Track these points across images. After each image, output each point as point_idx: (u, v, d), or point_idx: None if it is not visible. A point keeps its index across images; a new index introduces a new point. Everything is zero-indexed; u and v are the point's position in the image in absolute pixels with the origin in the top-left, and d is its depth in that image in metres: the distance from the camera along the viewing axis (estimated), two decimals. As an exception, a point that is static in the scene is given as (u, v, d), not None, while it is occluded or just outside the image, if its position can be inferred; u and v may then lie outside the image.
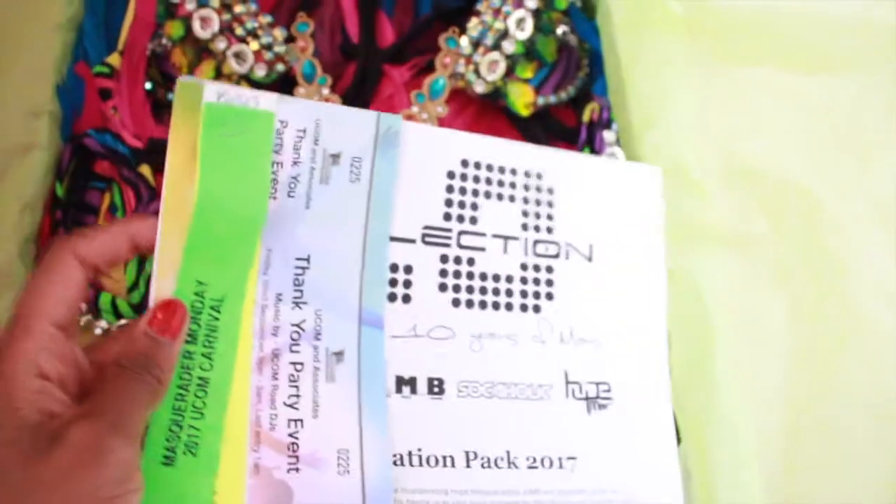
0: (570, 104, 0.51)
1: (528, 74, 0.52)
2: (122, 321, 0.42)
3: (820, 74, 0.49)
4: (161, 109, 0.46)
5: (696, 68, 0.50)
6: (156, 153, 0.43)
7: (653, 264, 0.44)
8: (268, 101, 0.38)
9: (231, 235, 0.37)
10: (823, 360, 0.46)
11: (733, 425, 0.43)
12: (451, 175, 0.41)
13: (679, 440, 0.42)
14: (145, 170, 0.45)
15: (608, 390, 0.42)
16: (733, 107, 0.49)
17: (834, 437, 0.45)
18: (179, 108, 0.36)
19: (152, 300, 0.35)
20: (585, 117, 0.52)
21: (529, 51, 0.52)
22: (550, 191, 0.43)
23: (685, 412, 0.43)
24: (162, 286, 0.36)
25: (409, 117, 0.49)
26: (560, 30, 0.52)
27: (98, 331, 0.42)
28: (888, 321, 0.46)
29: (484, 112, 0.52)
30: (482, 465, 0.39)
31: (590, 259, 0.43)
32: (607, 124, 0.50)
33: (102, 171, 0.46)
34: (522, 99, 0.52)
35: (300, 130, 0.38)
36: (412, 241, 0.40)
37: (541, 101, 0.52)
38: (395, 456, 0.38)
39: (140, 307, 0.42)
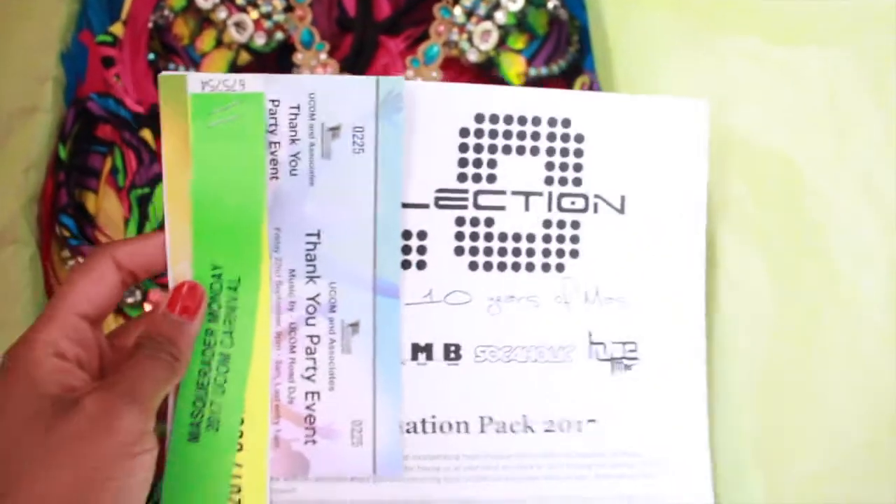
0: (561, 77, 0.51)
1: (520, 45, 0.51)
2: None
3: (806, 46, 0.46)
4: (163, 77, 0.46)
5: (682, 39, 0.48)
6: (157, 118, 0.42)
7: (693, 213, 0.41)
8: (254, 82, 0.36)
9: (235, 219, 0.37)
10: (802, 324, 0.44)
11: (712, 389, 0.42)
12: (464, 132, 0.39)
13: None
14: (147, 134, 0.46)
15: (634, 350, 0.40)
16: (718, 78, 0.47)
17: (812, 402, 0.44)
18: (166, 103, 0.36)
19: (171, 285, 0.36)
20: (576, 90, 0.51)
21: (521, 22, 0.51)
22: (579, 138, 0.40)
23: None
24: (178, 271, 0.36)
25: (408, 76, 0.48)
26: (551, 4, 0.51)
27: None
28: (867, 286, 0.44)
29: (477, 82, 0.51)
30: (497, 430, 0.39)
31: (621, 211, 0.40)
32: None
33: (105, 135, 0.47)
34: (514, 69, 0.51)
35: (293, 107, 0.37)
36: (425, 206, 0.39)
37: (532, 72, 0.51)
38: (408, 424, 0.39)
39: None
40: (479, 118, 0.39)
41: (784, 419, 0.43)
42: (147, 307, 0.46)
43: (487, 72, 0.51)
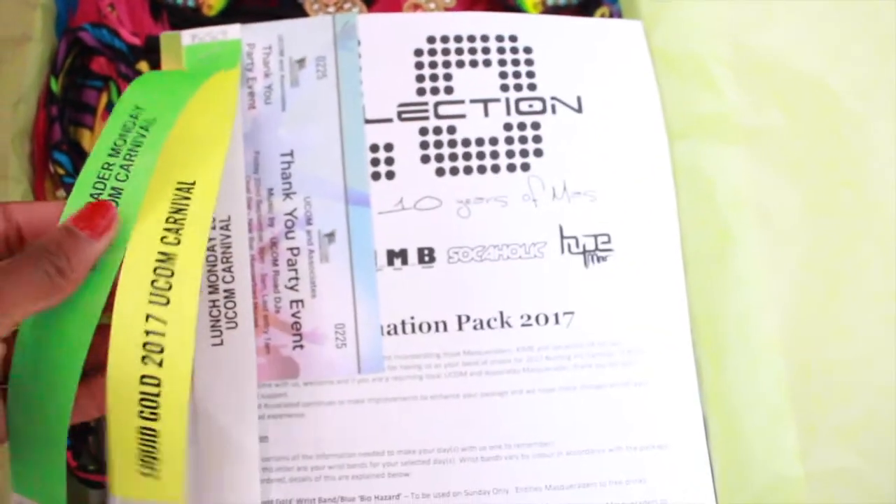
0: (579, 8, 0.48)
1: (538, -25, 0.50)
2: None
3: (842, -34, 0.44)
4: (159, 9, 0.46)
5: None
6: (154, 51, 0.44)
7: (649, 112, 0.42)
8: (234, 30, 0.42)
9: (177, 81, 0.40)
10: (839, 254, 0.42)
11: (748, 323, 0.40)
12: (418, 52, 0.42)
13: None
14: (143, 67, 0.45)
15: (608, 241, 0.41)
16: (750, 1, 0.45)
17: (847, 343, 0.41)
18: (167, 58, 0.42)
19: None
20: None
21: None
22: (528, 49, 0.42)
23: (698, 311, 0.41)
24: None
25: (416, 7, 0.49)
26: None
27: None
28: None
29: (493, 10, 0.49)
30: (474, 327, 0.40)
31: (579, 110, 0.42)
32: None
33: (99, 69, 0.45)
34: (531, -1, 0.51)
35: (266, 48, 0.42)
36: (389, 121, 0.42)
37: (550, 1, 0.49)
38: (388, 325, 0.40)
39: None
40: (431, 39, 0.43)
41: (818, 362, 0.41)
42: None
43: (503, 1, 0.49)
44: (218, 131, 0.39)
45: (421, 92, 0.42)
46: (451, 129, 0.42)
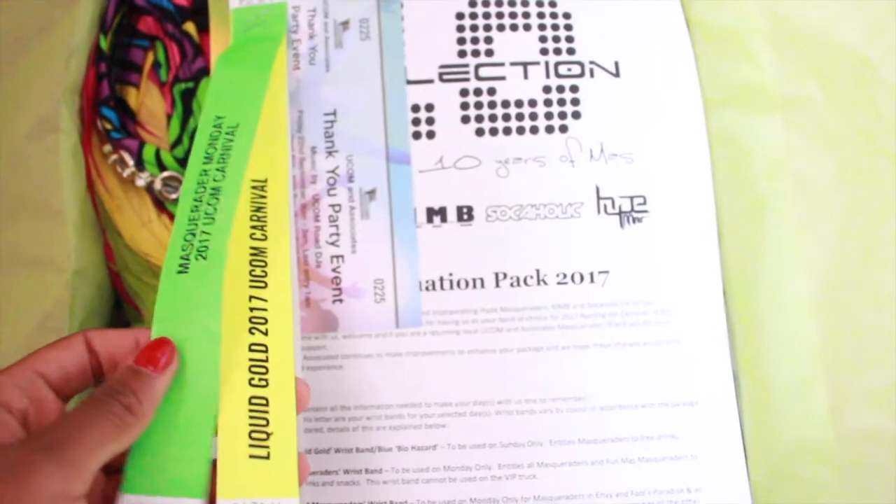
0: None
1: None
2: (166, 173, 0.43)
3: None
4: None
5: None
6: (201, 12, 0.44)
7: (685, 78, 0.43)
8: None
9: (247, 84, 0.41)
10: (873, 222, 0.42)
11: (782, 289, 0.41)
12: (460, 16, 0.43)
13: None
14: (190, 27, 0.45)
15: (643, 203, 0.42)
16: None
17: (882, 304, 0.41)
18: (215, 19, 0.43)
19: None
20: None
21: None
22: (567, 15, 0.43)
23: (732, 275, 0.42)
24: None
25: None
26: None
27: (140, 182, 0.43)
28: None
29: None
30: (511, 285, 0.41)
31: (616, 75, 0.43)
32: None
33: (147, 28, 0.46)
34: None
35: (311, 10, 0.44)
36: (430, 82, 0.43)
37: None
38: (427, 282, 0.41)
39: (183, 161, 0.43)
40: (473, 3, 0.44)
41: (851, 328, 0.42)
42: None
43: None
44: (276, 124, 0.40)
45: (462, 54, 0.43)
46: (492, 91, 0.42)
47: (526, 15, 0.43)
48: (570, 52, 0.43)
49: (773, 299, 0.41)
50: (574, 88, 0.42)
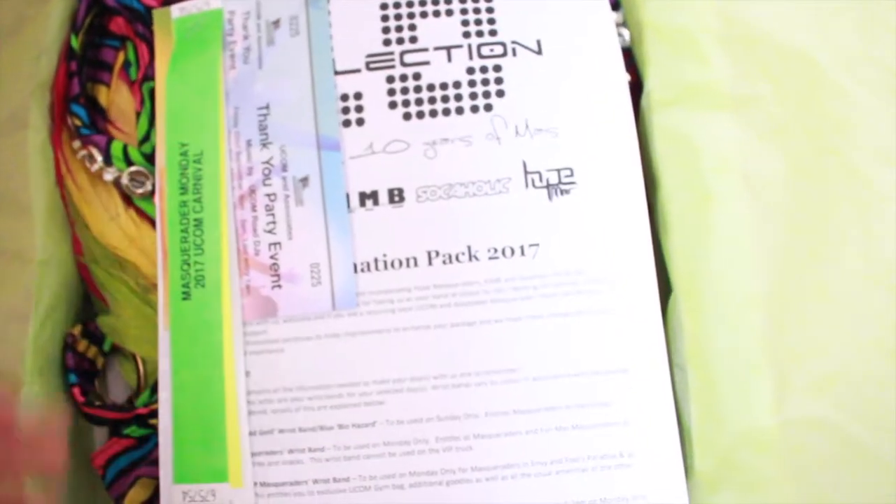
0: None
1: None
2: (133, 168, 0.45)
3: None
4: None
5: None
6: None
7: (608, 51, 0.44)
8: (216, 0, 0.46)
9: (199, 105, 0.44)
10: (820, 217, 0.43)
11: (728, 281, 0.41)
12: (384, 6, 0.45)
13: (669, 291, 0.42)
14: None
15: (570, 175, 0.42)
16: None
17: (827, 298, 0.42)
18: (159, 31, 0.45)
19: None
20: None
21: None
22: None
23: (679, 267, 0.42)
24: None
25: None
26: None
27: (108, 177, 0.45)
28: (887, 181, 0.42)
29: None
30: (443, 262, 0.42)
31: (539, 52, 0.43)
32: (614, 6, 0.47)
33: (118, 28, 0.47)
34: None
35: (245, 13, 0.45)
36: (357, 71, 0.44)
37: None
38: (362, 263, 0.42)
39: (150, 157, 0.45)
40: None
41: (795, 318, 0.41)
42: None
43: None
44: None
45: (387, 42, 0.44)
46: (417, 76, 0.44)
47: (448, 1, 0.44)
48: (493, 33, 0.44)
49: (718, 290, 0.42)
50: (497, 68, 0.43)
